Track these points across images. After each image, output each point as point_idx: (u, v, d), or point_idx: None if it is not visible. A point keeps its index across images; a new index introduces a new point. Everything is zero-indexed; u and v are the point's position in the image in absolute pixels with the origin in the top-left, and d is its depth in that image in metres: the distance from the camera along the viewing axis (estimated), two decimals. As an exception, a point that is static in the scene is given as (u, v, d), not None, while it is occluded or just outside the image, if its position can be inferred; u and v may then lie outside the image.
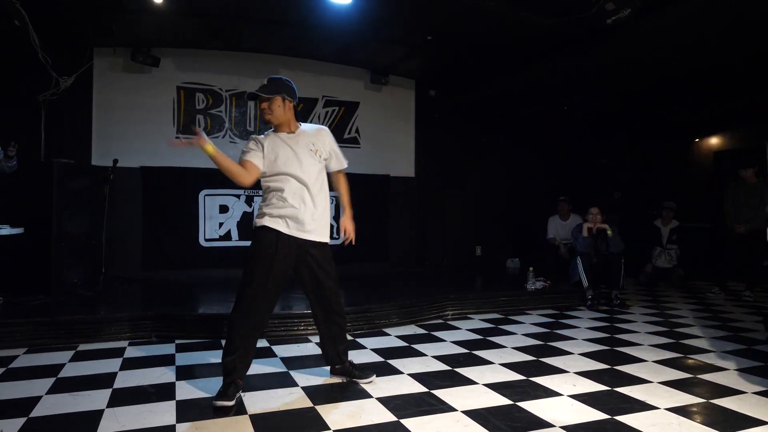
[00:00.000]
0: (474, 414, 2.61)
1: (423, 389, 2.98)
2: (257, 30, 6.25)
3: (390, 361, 3.54)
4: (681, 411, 2.66)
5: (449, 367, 3.41)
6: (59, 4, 5.17)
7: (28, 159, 5.56)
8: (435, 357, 3.66)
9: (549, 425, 2.48)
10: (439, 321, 4.92)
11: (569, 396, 2.88)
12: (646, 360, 3.60)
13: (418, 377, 3.20)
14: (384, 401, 2.78)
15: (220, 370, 3.26)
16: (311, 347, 3.90)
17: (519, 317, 5.13)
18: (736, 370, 3.36)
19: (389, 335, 4.32)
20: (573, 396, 2.88)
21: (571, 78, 6.83)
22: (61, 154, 5.75)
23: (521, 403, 2.76)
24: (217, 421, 2.50)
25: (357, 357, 3.61)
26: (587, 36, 5.42)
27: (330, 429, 2.43)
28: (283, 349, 3.81)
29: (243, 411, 2.62)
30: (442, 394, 2.90)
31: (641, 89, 7.41)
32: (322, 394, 2.91)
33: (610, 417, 2.58)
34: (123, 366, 3.38)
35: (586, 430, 2.44)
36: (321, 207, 2.94)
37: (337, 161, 3.09)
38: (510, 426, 2.47)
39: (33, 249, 4.97)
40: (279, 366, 3.41)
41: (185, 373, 3.24)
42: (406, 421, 2.51)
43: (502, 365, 3.47)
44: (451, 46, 6.41)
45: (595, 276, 5.76)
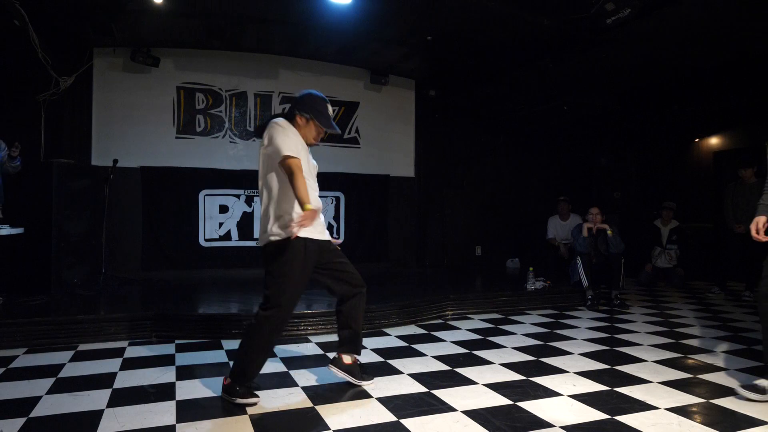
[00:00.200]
0: (474, 414, 2.61)
1: (423, 389, 2.98)
2: (257, 30, 6.26)
3: (390, 361, 3.54)
4: (681, 411, 2.67)
5: (449, 367, 3.41)
6: (59, 4, 5.18)
7: (28, 159, 5.56)
8: (435, 357, 3.66)
9: (549, 425, 2.48)
10: (439, 321, 4.93)
11: (569, 396, 2.88)
12: (646, 360, 3.60)
13: (418, 377, 3.20)
14: (384, 401, 2.78)
15: (220, 370, 3.28)
16: (311, 347, 3.91)
17: (519, 317, 5.13)
18: (736, 370, 3.36)
19: (389, 335, 4.32)
20: (573, 396, 2.88)
21: (571, 78, 6.83)
22: (61, 154, 5.76)
23: (521, 403, 2.76)
24: (217, 421, 2.50)
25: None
26: (587, 36, 5.43)
27: (330, 429, 2.43)
28: (283, 349, 3.80)
29: (243, 411, 2.62)
30: (442, 394, 2.90)
31: (641, 89, 7.41)
32: (322, 394, 2.91)
33: (610, 417, 2.58)
34: (123, 366, 3.38)
35: (586, 430, 2.44)
36: None
37: None
38: (510, 426, 2.47)
39: (33, 249, 4.98)
40: (279, 366, 3.41)
41: (185, 373, 3.23)
42: (406, 421, 2.51)
43: (502, 365, 3.47)
44: (451, 46, 6.41)
45: (595, 276, 5.76)
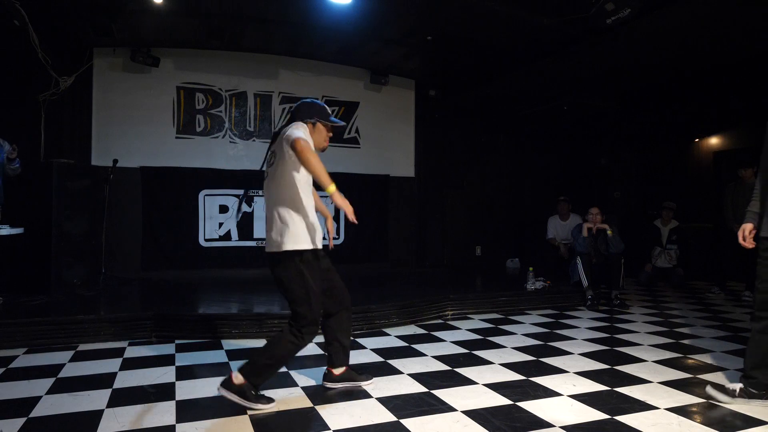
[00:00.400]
0: (474, 414, 2.61)
1: (423, 389, 2.98)
2: (257, 30, 6.25)
3: (390, 361, 3.54)
4: (681, 411, 2.67)
5: (449, 367, 3.41)
6: (59, 4, 5.18)
7: (28, 159, 5.55)
8: (435, 357, 3.66)
9: (549, 425, 2.48)
10: (439, 321, 4.92)
11: (569, 396, 2.88)
12: (646, 360, 3.60)
13: (417, 377, 3.20)
14: (384, 401, 2.78)
15: (220, 370, 3.28)
16: (311, 347, 3.90)
17: (519, 317, 5.13)
18: (736, 370, 3.36)
19: (389, 335, 4.32)
20: (573, 396, 2.88)
21: (571, 78, 6.83)
22: (61, 154, 5.76)
23: (521, 403, 2.76)
24: (217, 421, 2.50)
25: (357, 357, 3.62)
26: (587, 36, 5.43)
27: (330, 429, 2.43)
28: (283, 349, 3.80)
29: (243, 411, 2.62)
30: (441, 394, 2.90)
31: (641, 89, 7.42)
32: (322, 394, 2.91)
33: (610, 417, 2.58)
34: (123, 366, 3.38)
35: (586, 430, 2.44)
36: None
37: None
38: (510, 426, 2.47)
39: (33, 249, 4.98)
40: (279, 366, 3.41)
41: (185, 373, 3.23)
42: (406, 421, 2.51)
43: (502, 365, 3.47)
44: (451, 46, 6.41)
45: (595, 276, 5.76)
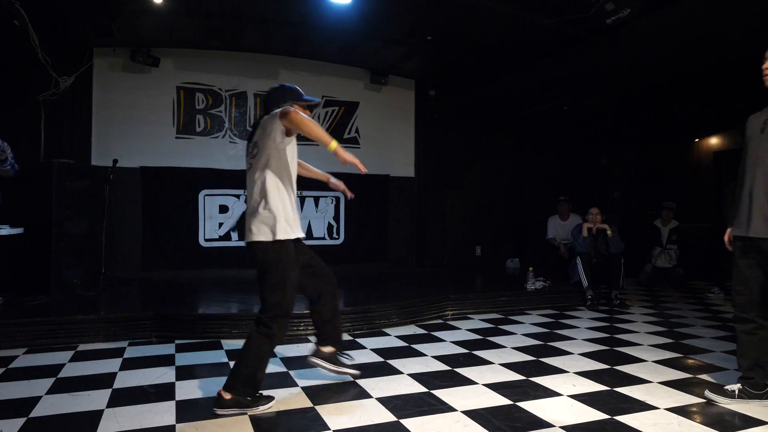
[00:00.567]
0: (474, 414, 2.61)
1: (423, 389, 2.98)
2: (257, 30, 6.25)
3: (390, 361, 3.54)
4: (681, 411, 2.67)
5: (449, 367, 3.41)
6: (59, 4, 5.17)
7: (28, 159, 5.55)
8: (435, 357, 3.66)
9: (549, 425, 2.48)
10: (439, 321, 4.92)
11: (569, 396, 2.88)
12: (646, 360, 3.60)
13: (417, 377, 3.20)
14: (384, 401, 2.78)
15: (220, 369, 3.28)
16: (311, 347, 3.89)
17: (519, 317, 5.13)
18: (735, 370, 3.35)
19: (389, 335, 4.32)
20: (573, 396, 2.88)
21: (571, 78, 6.83)
22: (61, 154, 5.75)
23: (521, 403, 2.76)
24: (217, 421, 2.50)
25: (357, 357, 3.61)
26: (587, 36, 5.42)
27: (330, 429, 2.43)
28: (283, 349, 3.80)
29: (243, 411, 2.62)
30: (441, 394, 2.90)
31: (641, 89, 7.41)
32: (322, 394, 2.91)
33: (610, 417, 2.58)
34: (123, 366, 3.38)
35: (586, 430, 2.44)
36: None
37: None
38: (510, 426, 2.47)
39: (33, 249, 4.97)
40: (279, 366, 3.41)
41: (185, 373, 3.23)
42: (406, 421, 2.51)
43: (502, 365, 3.47)
44: (452, 46, 6.41)
45: (595, 276, 5.76)
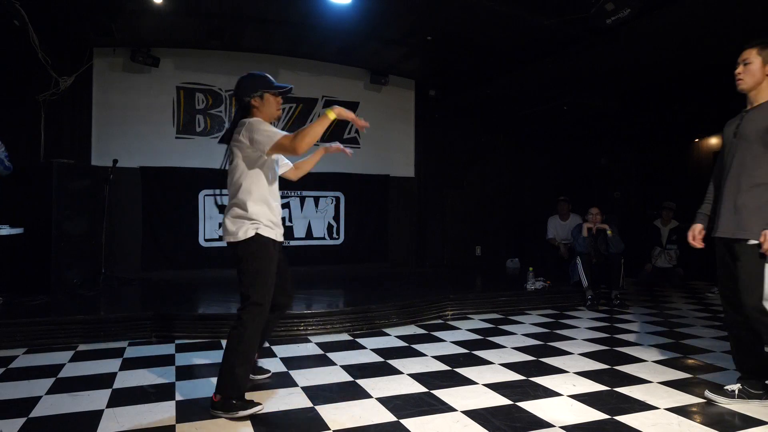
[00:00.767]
0: (474, 414, 2.61)
1: (423, 389, 2.98)
2: (257, 30, 6.25)
3: (390, 361, 3.54)
4: (681, 411, 2.67)
5: (449, 367, 3.41)
6: (59, 4, 5.17)
7: (28, 159, 5.55)
8: (435, 357, 3.66)
9: (549, 425, 2.48)
10: (439, 321, 4.92)
11: (569, 396, 2.88)
12: (646, 360, 3.60)
13: (417, 377, 3.20)
14: (384, 401, 2.78)
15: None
16: (311, 347, 3.91)
17: (519, 317, 5.13)
18: (735, 370, 3.35)
19: (389, 335, 4.32)
20: (573, 396, 2.88)
21: (571, 78, 6.82)
22: (61, 154, 5.75)
23: (521, 403, 2.76)
24: (217, 422, 2.50)
25: (357, 357, 3.63)
26: (587, 36, 5.42)
27: (330, 429, 2.43)
28: (283, 349, 3.81)
29: (243, 411, 2.62)
30: (441, 394, 2.90)
31: (641, 89, 7.40)
32: (322, 394, 2.91)
33: (610, 417, 2.58)
34: (123, 366, 3.38)
35: (586, 430, 2.44)
36: None
37: None
38: (510, 426, 2.47)
39: (33, 249, 4.98)
40: (279, 366, 3.41)
41: (185, 373, 3.24)
42: (405, 421, 2.51)
43: (502, 365, 3.47)
44: (452, 46, 6.40)
45: (595, 276, 5.76)
